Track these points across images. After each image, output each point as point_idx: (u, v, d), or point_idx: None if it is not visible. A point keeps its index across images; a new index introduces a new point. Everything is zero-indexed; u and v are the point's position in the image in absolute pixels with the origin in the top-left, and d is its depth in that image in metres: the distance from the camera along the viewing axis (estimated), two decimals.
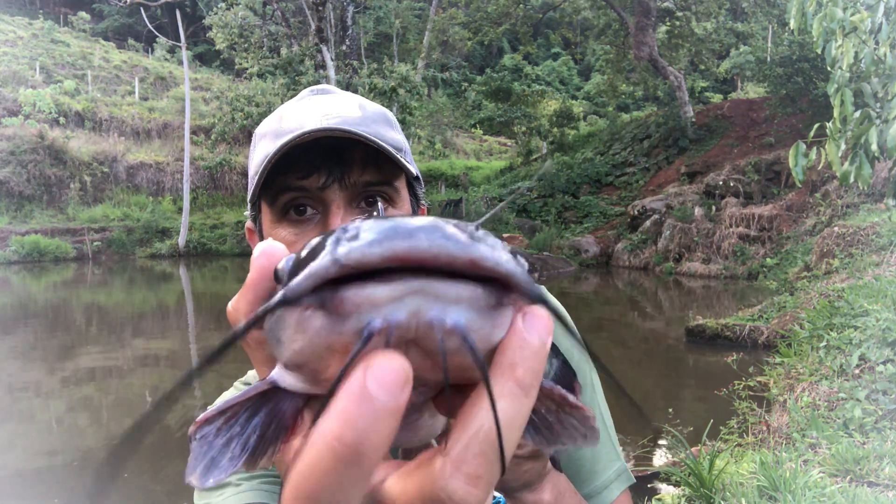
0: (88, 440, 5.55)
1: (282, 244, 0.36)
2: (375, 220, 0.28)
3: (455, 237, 0.27)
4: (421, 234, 0.27)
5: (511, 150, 33.04)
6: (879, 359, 4.07)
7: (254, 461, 0.33)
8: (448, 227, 0.28)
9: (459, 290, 0.28)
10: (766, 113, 20.34)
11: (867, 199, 11.79)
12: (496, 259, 0.28)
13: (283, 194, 0.85)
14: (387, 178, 0.87)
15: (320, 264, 0.27)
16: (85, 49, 30.83)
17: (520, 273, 0.29)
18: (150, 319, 11.70)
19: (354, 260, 0.26)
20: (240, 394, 0.34)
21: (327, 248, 0.28)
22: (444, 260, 0.27)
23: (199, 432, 0.33)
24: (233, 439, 0.33)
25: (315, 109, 0.86)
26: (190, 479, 0.32)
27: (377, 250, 0.26)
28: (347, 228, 0.29)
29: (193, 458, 0.33)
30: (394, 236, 0.27)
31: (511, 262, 0.29)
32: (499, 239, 0.31)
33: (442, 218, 0.29)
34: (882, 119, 3.17)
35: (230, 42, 23.02)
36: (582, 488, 0.92)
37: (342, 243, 0.27)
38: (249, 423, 0.34)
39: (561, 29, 34.12)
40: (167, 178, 23.59)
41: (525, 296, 0.30)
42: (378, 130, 0.86)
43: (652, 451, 4.75)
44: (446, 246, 0.27)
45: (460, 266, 0.27)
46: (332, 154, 0.84)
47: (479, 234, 0.29)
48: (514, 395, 0.29)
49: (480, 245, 0.28)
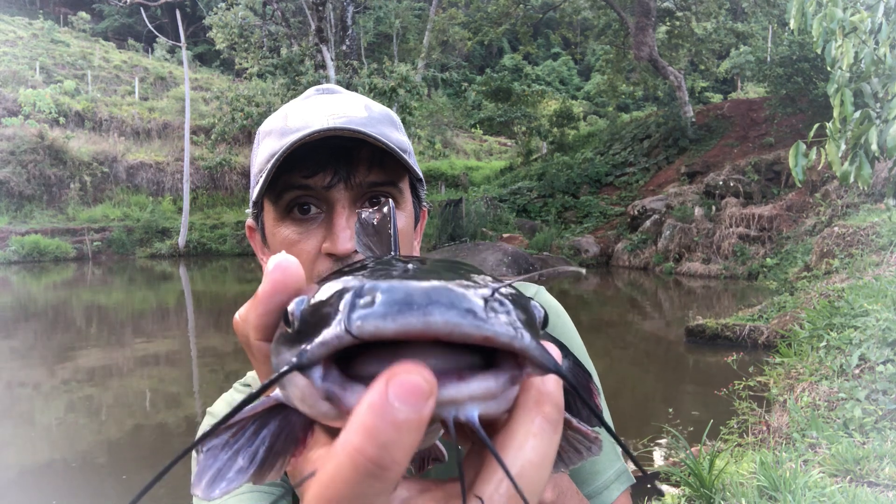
0: (88, 440, 5.55)
1: (296, 259, 0.36)
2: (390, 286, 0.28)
3: (471, 312, 0.27)
4: (436, 310, 0.26)
5: (511, 150, 33.05)
6: (879, 359, 4.07)
7: (262, 474, 0.33)
8: (463, 300, 0.27)
9: (472, 389, 0.28)
10: (766, 113, 20.35)
11: (867, 199, 11.79)
12: (510, 336, 0.27)
13: (288, 192, 0.85)
14: (392, 178, 0.87)
15: (334, 334, 0.27)
16: (85, 49, 30.84)
17: (534, 349, 0.28)
18: (150, 319, 11.70)
19: (368, 333, 0.27)
20: (248, 408, 0.34)
21: (340, 315, 0.28)
22: (457, 338, 0.27)
23: (206, 445, 0.33)
24: (240, 452, 0.33)
25: (321, 109, 0.86)
26: (195, 492, 0.32)
27: (391, 326, 0.26)
28: (363, 290, 0.28)
29: (199, 470, 0.33)
30: (408, 311, 0.26)
31: (526, 338, 0.28)
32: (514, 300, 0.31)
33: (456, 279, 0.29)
34: (882, 119, 3.18)
35: (230, 42, 23.01)
36: (582, 489, 0.92)
37: (356, 310, 0.27)
38: (258, 436, 0.34)
39: (561, 29, 34.10)
40: (167, 178, 23.59)
41: (538, 368, 0.29)
42: (384, 131, 0.86)
43: (652, 451, 4.75)
44: (461, 325, 0.26)
45: (474, 342, 0.27)
46: (339, 153, 0.84)
47: (495, 304, 0.28)
48: (545, 432, 0.29)
49: (495, 319, 0.27)
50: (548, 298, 1.03)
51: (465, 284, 0.29)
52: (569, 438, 0.39)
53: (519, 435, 0.29)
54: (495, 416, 0.29)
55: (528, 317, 0.31)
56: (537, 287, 1.03)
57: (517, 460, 0.28)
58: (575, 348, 1.00)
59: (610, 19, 26.20)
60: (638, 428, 5.40)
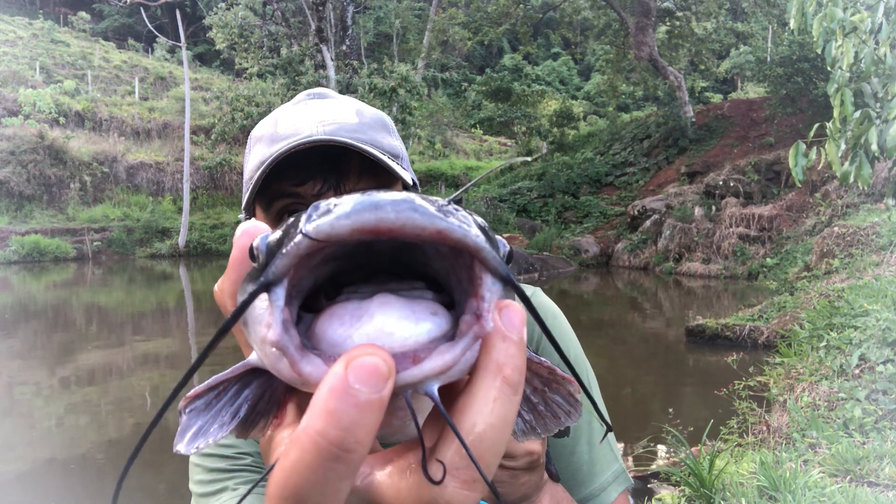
0: (88, 440, 5.55)
1: (264, 223, 0.37)
2: (351, 195, 0.29)
3: (424, 210, 0.27)
4: (389, 206, 0.27)
5: (511, 150, 33.03)
6: (879, 359, 4.06)
7: (245, 430, 0.34)
8: (418, 201, 0.28)
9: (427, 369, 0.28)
10: (766, 113, 20.34)
11: (867, 199, 11.79)
12: (464, 232, 0.28)
13: (278, 200, 0.85)
14: (383, 185, 0.87)
15: (292, 242, 0.28)
16: (85, 49, 30.83)
17: (488, 250, 0.29)
18: (150, 319, 11.70)
19: (324, 233, 0.27)
20: (229, 370, 0.35)
21: (301, 224, 0.28)
22: (410, 231, 0.27)
23: (189, 406, 0.34)
24: (223, 409, 0.34)
25: (311, 115, 0.86)
26: (177, 448, 0.33)
27: (346, 223, 0.27)
28: (319, 205, 0.29)
29: (182, 428, 0.33)
30: (363, 210, 0.27)
31: (480, 238, 0.28)
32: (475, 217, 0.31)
33: (419, 194, 0.29)
34: (882, 119, 3.17)
35: (230, 42, 23.01)
36: (580, 490, 0.92)
37: (313, 218, 0.28)
38: (240, 395, 0.34)
39: (561, 29, 34.09)
40: (167, 178, 23.59)
41: (492, 273, 0.30)
42: (375, 137, 0.86)
43: (652, 452, 4.75)
44: (413, 217, 0.27)
45: (428, 237, 0.27)
46: (328, 162, 0.84)
47: (449, 208, 0.29)
48: (505, 395, 0.29)
49: (450, 218, 0.28)
50: (544, 300, 1.02)
51: (421, 195, 0.29)
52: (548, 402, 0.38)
53: (479, 398, 0.29)
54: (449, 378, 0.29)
55: (485, 232, 0.31)
56: (534, 288, 1.03)
57: (478, 424, 0.29)
58: (572, 352, 1.00)
59: (610, 19, 26.20)
60: (638, 428, 5.40)
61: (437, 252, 0.30)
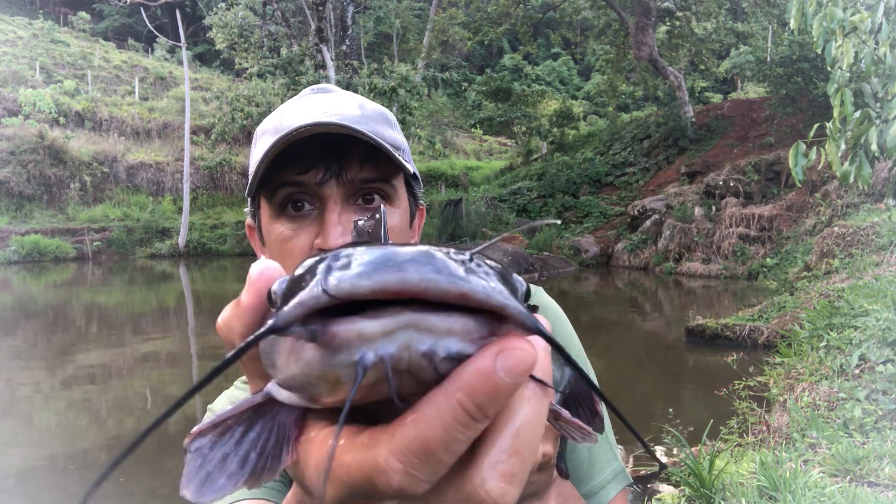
0: (88, 440, 5.55)
1: (278, 265, 0.36)
2: (367, 249, 0.28)
3: (446, 270, 0.27)
4: (411, 266, 0.27)
5: (511, 150, 33.03)
6: (879, 359, 4.07)
7: (256, 478, 0.33)
8: (439, 259, 0.27)
9: (451, 322, 0.28)
10: (766, 113, 20.34)
11: (867, 199, 11.79)
12: (487, 292, 0.28)
13: (281, 189, 0.86)
14: (384, 175, 0.87)
15: (310, 294, 0.28)
16: (85, 49, 30.84)
17: (512, 305, 0.29)
18: (150, 319, 11.70)
19: (344, 292, 0.27)
20: (232, 407, 0.34)
21: (317, 277, 0.28)
22: (433, 294, 0.27)
23: (194, 444, 0.33)
24: (228, 455, 0.33)
25: (315, 107, 0.87)
26: (184, 493, 0.32)
27: (366, 283, 0.26)
28: (339, 256, 0.29)
29: (188, 471, 0.32)
30: (384, 269, 0.27)
31: (503, 294, 0.28)
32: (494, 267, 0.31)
33: (436, 246, 0.29)
34: (882, 119, 3.18)
35: (230, 42, 23.02)
36: (579, 488, 0.93)
37: (333, 272, 0.27)
38: (245, 438, 0.33)
39: (561, 29, 34.09)
40: (167, 178, 23.59)
41: (519, 327, 0.30)
42: (376, 129, 0.86)
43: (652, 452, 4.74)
44: (436, 280, 0.27)
45: (451, 299, 0.27)
46: (330, 150, 0.84)
47: (472, 265, 0.29)
48: (536, 395, 0.31)
49: (472, 277, 0.28)
50: (545, 299, 1.03)
51: (442, 250, 0.29)
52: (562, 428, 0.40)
53: (514, 397, 0.30)
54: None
55: (507, 281, 0.31)
56: (536, 288, 1.03)
57: (516, 420, 0.30)
58: (574, 350, 1.00)
59: (610, 19, 26.20)
60: (638, 428, 5.33)
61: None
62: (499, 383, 0.27)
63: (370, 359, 0.27)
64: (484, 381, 0.27)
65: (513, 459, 0.30)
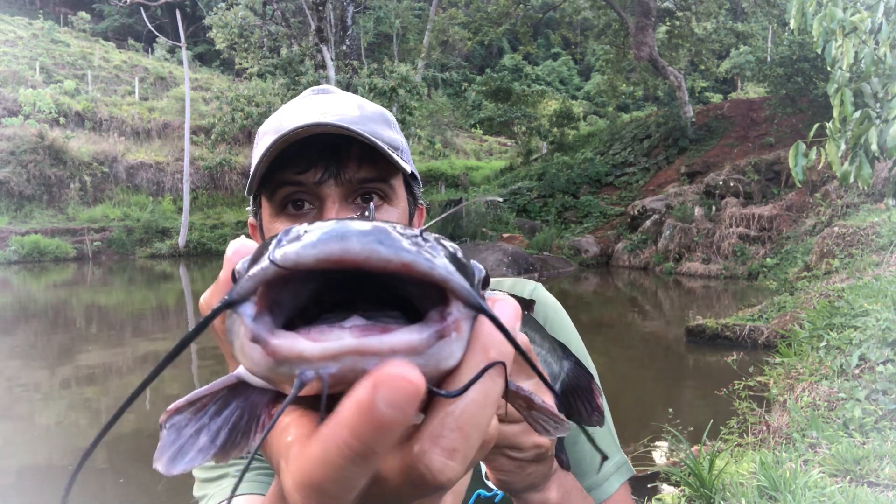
0: (88, 440, 5.54)
1: (254, 242, 0.37)
2: (322, 223, 0.29)
3: (390, 242, 0.27)
4: (355, 237, 0.27)
5: (511, 150, 33.03)
6: (879, 359, 4.06)
7: (225, 453, 0.34)
8: (384, 231, 0.28)
9: (394, 341, 0.28)
10: (766, 113, 20.34)
11: (867, 199, 11.79)
12: (431, 265, 0.28)
13: (281, 189, 0.87)
14: (383, 175, 0.88)
15: (259, 267, 0.29)
16: (85, 49, 30.83)
17: (455, 280, 0.29)
18: (150, 319, 11.70)
19: (291, 262, 0.27)
20: (208, 386, 0.35)
21: (269, 250, 0.29)
22: (375, 263, 0.27)
23: (170, 421, 0.34)
24: (202, 430, 0.34)
25: (314, 108, 0.88)
26: (156, 465, 0.33)
27: (311, 252, 0.27)
28: (290, 230, 0.30)
29: (162, 445, 0.34)
30: (329, 240, 0.27)
31: (447, 269, 0.29)
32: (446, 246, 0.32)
33: (389, 223, 0.30)
34: (882, 119, 3.17)
35: (230, 42, 22.99)
36: (582, 481, 0.93)
37: (282, 245, 0.28)
38: (219, 416, 0.34)
39: (561, 29, 34.10)
40: (167, 178, 23.58)
41: (464, 304, 0.30)
42: (375, 129, 0.88)
43: (652, 451, 4.75)
44: (378, 250, 0.27)
45: (393, 269, 0.27)
46: (329, 150, 0.85)
47: (420, 241, 0.29)
48: (488, 375, 0.31)
49: (417, 250, 0.28)
50: (545, 295, 1.03)
51: (391, 225, 0.29)
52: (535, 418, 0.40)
53: (464, 374, 0.30)
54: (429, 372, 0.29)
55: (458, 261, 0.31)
56: (535, 284, 1.04)
57: (461, 399, 0.30)
58: (574, 345, 1.01)
59: (610, 19, 26.19)
60: (638, 428, 5.40)
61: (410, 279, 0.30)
62: (381, 418, 0.26)
63: (309, 376, 0.28)
64: (366, 418, 0.26)
65: (455, 435, 0.30)
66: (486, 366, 0.31)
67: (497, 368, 0.31)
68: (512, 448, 0.58)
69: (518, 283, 1.03)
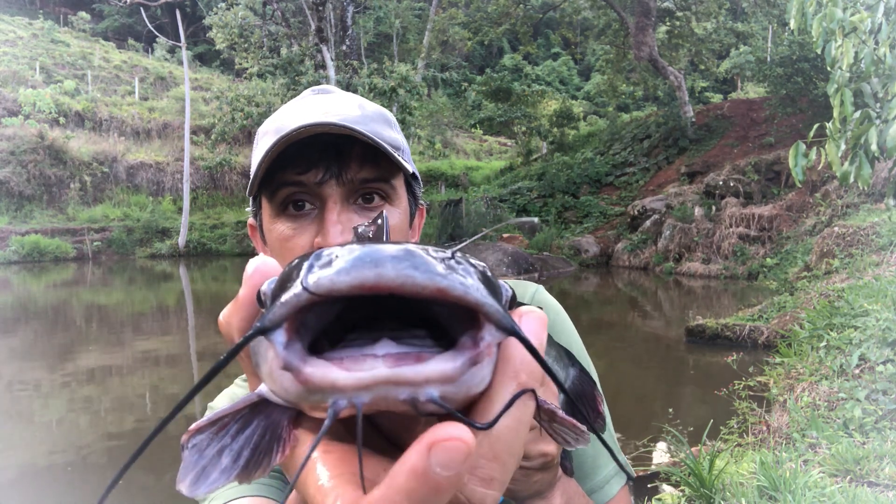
0: (88, 440, 5.55)
1: (274, 261, 0.36)
2: (349, 247, 0.29)
3: (425, 267, 0.27)
4: (389, 263, 0.27)
5: (511, 150, 33.03)
6: (879, 359, 4.06)
7: (247, 474, 0.33)
8: (418, 256, 0.28)
9: (428, 371, 0.28)
10: (766, 113, 20.33)
11: (867, 199, 11.79)
12: (465, 289, 0.28)
13: (282, 189, 0.87)
14: (384, 175, 0.88)
15: (292, 293, 0.28)
16: (85, 49, 30.83)
17: (489, 304, 0.29)
18: (150, 319, 11.70)
19: (324, 289, 0.27)
20: (231, 404, 0.35)
21: (300, 276, 0.28)
22: (410, 290, 0.27)
23: (191, 441, 0.34)
24: (224, 450, 0.34)
25: (315, 108, 0.88)
26: (180, 487, 0.33)
27: (345, 279, 0.27)
28: (321, 255, 0.29)
29: (184, 466, 0.33)
30: (362, 266, 0.27)
31: (480, 292, 0.28)
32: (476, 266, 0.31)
33: (420, 245, 0.30)
34: (882, 119, 3.17)
35: (230, 42, 23.00)
36: (583, 484, 0.93)
37: (314, 270, 0.28)
38: (241, 435, 0.34)
39: (561, 29, 34.10)
40: (167, 178, 23.58)
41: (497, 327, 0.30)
42: (376, 129, 0.87)
43: (652, 451, 4.75)
44: (413, 276, 0.27)
45: (428, 295, 0.27)
46: (330, 150, 0.85)
47: (452, 263, 0.29)
48: (521, 400, 0.31)
49: (450, 274, 0.28)
50: (547, 298, 1.03)
51: (423, 248, 0.29)
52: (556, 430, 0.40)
53: (496, 401, 0.30)
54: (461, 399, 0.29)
55: (487, 281, 0.31)
56: (536, 286, 1.04)
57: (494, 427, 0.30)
58: (575, 349, 1.01)
59: (610, 19, 26.19)
60: (638, 428, 5.40)
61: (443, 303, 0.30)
62: (437, 480, 0.26)
63: (342, 405, 0.28)
64: (421, 482, 0.26)
65: (492, 465, 0.30)
66: (518, 393, 0.31)
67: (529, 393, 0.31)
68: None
69: (519, 286, 1.02)
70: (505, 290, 0.34)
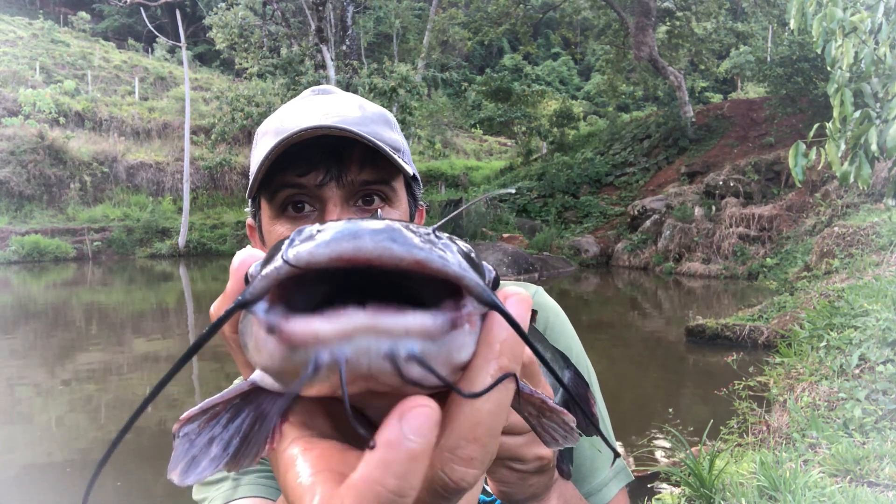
0: (88, 440, 5.55)
1: (260, 252, 0.37)
2: (334, 223, 0.29)
3: (403, 239, 0.28)
4: (368, 236, 0.27)
5: (511, 150, 33.03)
6: (879, 359, 4.06)
7: (236, 463, 0.34)
8: (397, 230, 0.28)
9: (407, 321, 0.28)
10: (766, 113, 20.34)
11: (867, 199, 11.79)
12: (444, 262, 0.28)
13: (282, 191, 0.87)
14: (384, 177, 0.88)
15: (272, 267, 0.29)
16: (85, 49, 30.82)
17: (469, 277, 0.29)
18: (150, 319, 11.70)
19: (304, 261, 0.27)
20: (221, 393, 0.35)
21: (281, 251, 0.29)
22: (388, 261, 0.27)
23: (182, 430, 0.34)
24: (214, 439, 0.34)
25: (316, 109, 0.87)
26: (171, 476, 0.33)
27: (324, 251, 0.27)
28: (303, 230, 0.30)
29: (175, 455, 0.34)
30: (342, 238, 0.27)
31: (461, 266, 0.29)
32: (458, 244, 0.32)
33: (402, 222, 0.30)
34: (882, 119, 3.17)
35: (230, 42, 23.00)
36: (581, 486, 0.93)
37: (295, 244, 0.29)
38: (231, 424, 0.34)
39: (561, 29, 34.11)
40: (167, 178, 23.58)
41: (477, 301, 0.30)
42: (376, 130, 0.87)
43: (652, 451, 4.75)
44: (391, 248, 0.27)
45: (406, 267, 0.27)
46: (330, 152, 0.85)
47: (432, 238, 0.30)
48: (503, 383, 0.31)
49: (430, 248, 0.28)
50: (546, 300, 1.03)
51: (404, 224, 0.30)
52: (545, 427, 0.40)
53: (479, 376, 0.31)
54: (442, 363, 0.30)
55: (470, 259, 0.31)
56: (536, 288, 1.03)
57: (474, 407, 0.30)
58: (574, 350, 1.01)
59: (610, 19, 26.19)
60: (638, 428, 5.40)
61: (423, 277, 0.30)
62: (411, 447, 0.27)
63: (325, 359, 0.28)
64: (396, 452, 0.27)
65: (473, 445, 0.31)
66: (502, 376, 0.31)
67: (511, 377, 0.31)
68: (514, 460, 0.58)
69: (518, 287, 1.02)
70: (488, 271, 0.35)
